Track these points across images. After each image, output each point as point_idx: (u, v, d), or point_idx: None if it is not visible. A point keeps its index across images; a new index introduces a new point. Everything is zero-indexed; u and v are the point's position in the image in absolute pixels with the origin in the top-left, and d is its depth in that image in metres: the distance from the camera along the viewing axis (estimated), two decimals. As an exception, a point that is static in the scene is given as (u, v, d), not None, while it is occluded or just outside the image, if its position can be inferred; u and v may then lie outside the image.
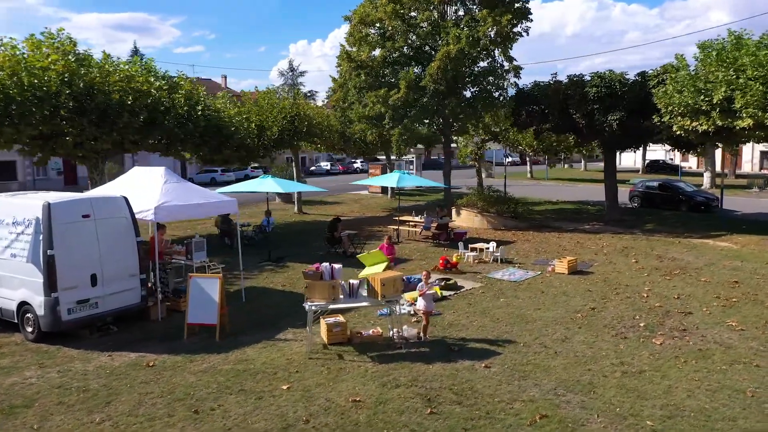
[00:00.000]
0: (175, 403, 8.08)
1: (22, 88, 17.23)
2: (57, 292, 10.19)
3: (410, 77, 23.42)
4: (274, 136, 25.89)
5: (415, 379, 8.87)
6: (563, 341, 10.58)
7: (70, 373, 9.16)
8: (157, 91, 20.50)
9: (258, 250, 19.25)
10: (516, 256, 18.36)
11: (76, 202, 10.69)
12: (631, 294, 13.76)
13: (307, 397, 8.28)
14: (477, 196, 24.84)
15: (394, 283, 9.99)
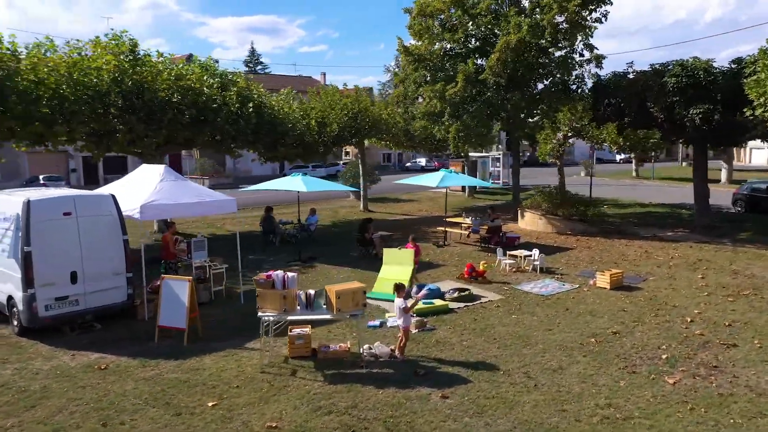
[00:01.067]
0: (92, 413, 7.77)
1: (75, 87, 18.05)
2: (33, 289, 10.33)
3: (469, 70, 22.07)
4: (334, 133, 25.52)
5: (354, 406, 7.95)
6: (554, 371, 9.13)
7: (23, 372, 9.19)
8: (208, 88, 20.80)
9: (297, 249, 18.94)
10: (563, 265, 16.59)
11: (57, 199, 10.80)
12: (673, 317, 11.79)
13: (226, 417, 7.65)
14: (541, 197, 22.94)
15: (352, 296, 9.09)
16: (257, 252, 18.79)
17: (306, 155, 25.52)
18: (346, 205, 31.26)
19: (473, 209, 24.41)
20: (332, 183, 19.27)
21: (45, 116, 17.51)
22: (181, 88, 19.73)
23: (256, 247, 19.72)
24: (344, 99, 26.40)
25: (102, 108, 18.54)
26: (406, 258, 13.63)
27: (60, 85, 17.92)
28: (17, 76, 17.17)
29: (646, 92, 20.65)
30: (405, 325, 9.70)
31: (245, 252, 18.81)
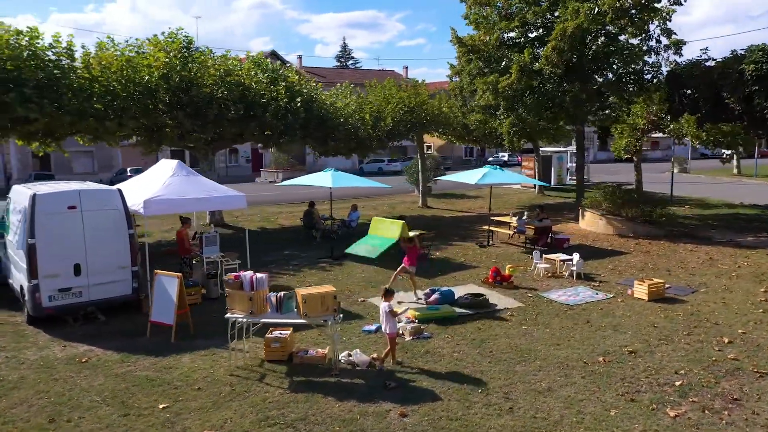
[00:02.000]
0: (48, 407, 7.84)
1: (125, 84, 18.75)
2: (37, 279, 10.68)
3: (525, 61, 20.84)
4: (388, 127, 25.05)
5: (303, 419, 7.51)
6: (539, 393, 8.22)
7: (12, 360, 9.49)
8: (257, 84, 20.97)
9: (335, 245, 18.70)
10: (609, 271, 15.22)
11: (62, 193, 11.10)
12: (709, 337, 10.38)
13: (170, 422, 7.45)
14: (602, 195, 21.27)
15: (322, 300, 8.62)
16: (294, 248, 18.73)
17: (359, 150, 25.22)
18: (407, 201, 30.71)
19: (535, 207, 23.05)
20: (364, 179, 18.71)
21: (98, 112, 18.32)
22: (229, 83, 19.99)
23: (296, 242, 19.70)
24: (400, 92, 25.84)
25: (151, 104, 19.16)
26: (393, 231, 12.90)
27: (111, 82, 18.69)
28: (72, 74, 18.06)
29: (721, 81, 18.60)
30: (391, 332, 9.13)
31: (285, 247, 18.89)
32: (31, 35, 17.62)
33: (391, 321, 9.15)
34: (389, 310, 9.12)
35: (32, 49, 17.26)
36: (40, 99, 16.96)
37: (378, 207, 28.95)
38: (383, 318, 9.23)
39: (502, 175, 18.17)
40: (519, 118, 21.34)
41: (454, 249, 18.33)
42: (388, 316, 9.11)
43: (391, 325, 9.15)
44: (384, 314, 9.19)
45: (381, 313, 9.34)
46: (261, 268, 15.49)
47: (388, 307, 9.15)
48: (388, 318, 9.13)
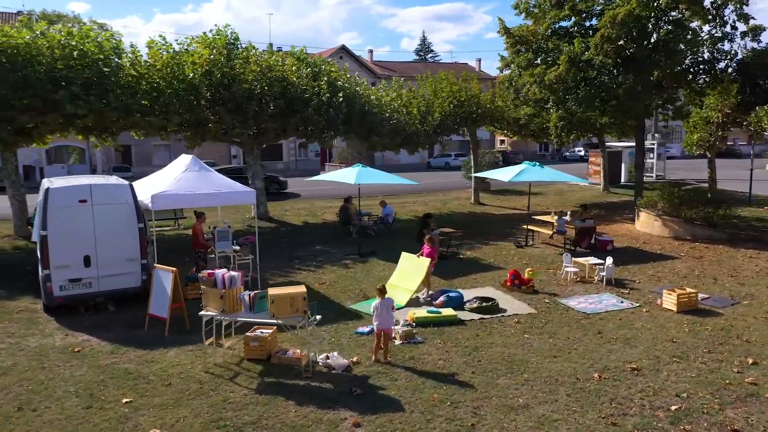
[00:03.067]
0: (22, 395, 8.11)
1: (169, 81, 19.35)
2: (49, 270, 11.15)
3: (575, 51, 19.70)
4: (435, 122, 24.50)
5: (255, 422, 7.35)
6: (511, 410, 7.64)
7: (13, 347, 9.93)
8: (298, 78, 21.05)
9: (371, 242, 18.51)
10: (647, 278, 14.11)
11: (74, 187, 11.49)
12: (733, 356, 9.32)
13: (125, 417, 7.49)
14: (659, 195, 19.77)
15: (291, 302, 8.42)
16: (327, 243, 18.67)
17: (407, 145, 24.82)
18: (461, 197, 30.02)
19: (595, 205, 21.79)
20: (393, 176, 18.15)
21: (142, 108, 19.02)
22: (269, 79, 20.18)
23: (331, 237, 19.64)
24: (450, 86, 25.19)
25: (194, 100, 19.66)
26: (420, 267, 12.48)
27: (157, 79, 19.34)
28: (120, 72, 18.82)
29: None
30: (383, 327, 8.93)
31: (319, 242, 18.88)
32: (80, 35, 18.51)
33: (386, 316, 8.93)
34: (390, 305, 9.09)
35: (82, 48, 18.10)
36: (87, 96, 17.78)
37: (429, 203, 28.49)
38: (375, 313, 9.03)
39: (542, 173, 17.23)
40: (568, 112, 20.20)
41: (489, 249, 17.63)
42: (382, 312, 8.98)
43: (384, 320, 8.94)
44: (375, 310, 9.05)
45: (372, 309, 9.15)
46: (285, 264, 15.66)
47: (389, 302, 9.11)
48: (381, 313, 8.97)
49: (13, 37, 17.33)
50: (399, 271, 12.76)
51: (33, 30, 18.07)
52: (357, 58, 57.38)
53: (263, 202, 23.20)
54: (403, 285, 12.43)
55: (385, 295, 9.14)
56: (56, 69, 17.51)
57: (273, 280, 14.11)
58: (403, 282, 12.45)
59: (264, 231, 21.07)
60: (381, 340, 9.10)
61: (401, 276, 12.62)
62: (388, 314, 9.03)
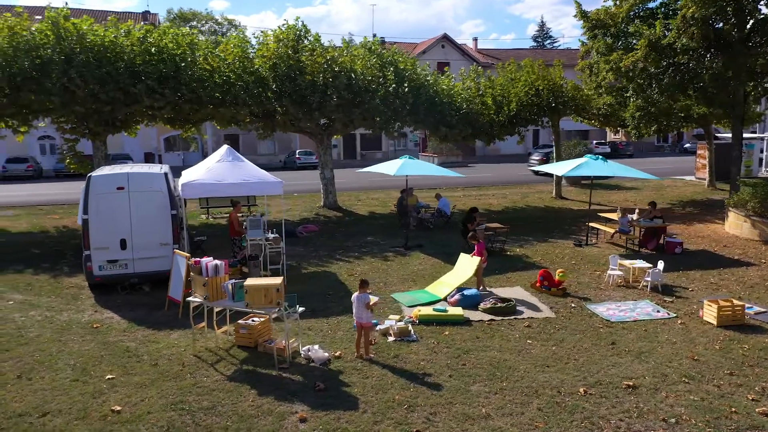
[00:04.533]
0: (29, 365, 8.90)
1: (239, 74, 20.23)
2: (89, 251, 12.14)
3: (656, 35, 18.09)
4: (511, 113, 23.55)
5: (210, 409, 7.56)
6: (468, 419, 7.25)
7: (46, 320, 10.91)
8: (364, 69, 21.14)
9: (421, 235, 18.32)
10: (704, 286, 12.75)
11: (114, 175, 12.37)
12: (758, 382, 8.21)
13: (101, 392, 8.00)
14: (750, 193, 17.66)
15: (264, 292, 8.53)
16: (381, 234, 18.66)
17: (478, 136, 24.12)
18: (544, 191, 28.68)
19: (692, 203, 20.04)
20: (439, 168, 17.44)
21: (213, 100, 20.06)
22: (332, 70, 20.42)
23: (387, 229, 19.60)
24: (527, 74, 24.08)
25: (262, 92, 20.38)
26: (470, 265, 12.19)
27: (227, 72, 20.27)
28: (194, 66, 19.93)
29: None
30: (361, 322, 8.85)
31: (373, 233, 18.93)
32: (159, 33, 19.80)
33: (364, 311, 8.86)
34: (366, 302, 8.93)
35: (159, 45, 19.37)
36: (163, 89, 19.04)
37: (508, 196, 27.57)
38: (354, 306, 8.98)
39: (603, 167, 16.00)
40: (647, 101, 18.59)
41: (544, 247, 16.74)
42: (360, 306, 8.90)
43: (363, 315, 8.87)
44: (356, 302, 8.98)
45: (353, 300, 9.08)
46: (327, 253, 15.87)
47: (365, 297, 8.93)
48: (359, 307, 8.90)
49: (100, 36, 18.89)
50: (453, 270, 12.61)
51: (118, 28, 19.59)
52: (459, 46, 56.47)
53: (332, 192, 23.63)
54: (448, 280, 12.32)
55: (365, 289, 8.97)
56: (135, 64, 18.88)
57: (306, 269, 14.39)
58: (449, 278, 12.33)
59: (328, 220, 21.54)
60: (361, 334, 8.98)
61: (452, 273, 12.48)
62: (360, 308, 8.86)
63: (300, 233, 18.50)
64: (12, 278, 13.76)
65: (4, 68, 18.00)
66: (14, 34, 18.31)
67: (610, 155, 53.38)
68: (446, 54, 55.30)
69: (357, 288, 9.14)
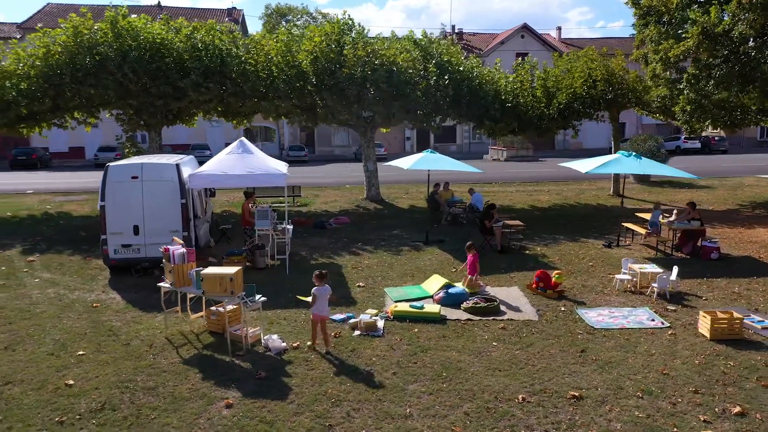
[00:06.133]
0: (19, 338, 9.72)
1: (281, 68, 20.82)
2: (105, 235, 13.03)
3: (711, 21, 16.75)
4: (560, 105, 22.60)
5: (151, 389, 7.94)
6: (387, 418, 7.18)
7: (56, 298, 11.82)
8: (405, 62, 21.09)
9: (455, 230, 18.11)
10: (723, 296, 11.77)
11: (128, 165, 13.18)
12: (721, 402, 7.54)
13: (64, 367, 8.59)
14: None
15: (219, 281, 8.83)
16: (408, 228, 18.60)
17: (525, 130, 23.35)
18: (605, 188, 27.34)
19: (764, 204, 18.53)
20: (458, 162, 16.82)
21: (256, 93, 20.75)
22: (372, 63, 20.49)
23: (417, 223, 19.49)
24: (584, 64, 22.97)
25: (302, 86, 20.83)
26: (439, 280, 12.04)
27: (270, 66, 20.90)
28: (237, 60, 20.71)
29: None
30: (323, 314, 8.99)
31: (401, 226, 18.90)
32: (206, 29, 20.72)
33: (317, 304, 8.94)
34: (328, 294, 9.08)
35: (205, 41, 20.29)
36: (207, 84, 19.95)
37: (562, 192, 26.58)
38: (317, 300, 9.09)
39: (635, 165, 15.05)
40: (699, 93, 17.23)
41: (570, 246, 16.04)
42: (322, 299, 9.00)
43: (316, 307, 8.95)
44: (319, 297, 9.05)
45: (314, 295, 9.18)
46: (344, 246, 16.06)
47: (326, 290, 9.06)
48: (322, 300, 9.00)
49: (152, 33, 20.06)
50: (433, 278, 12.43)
51: (169, 26, 20.70)
52: (540, 36, 54.65)
53: (375, 185, 23.77)
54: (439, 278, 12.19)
55: (323, 282, 9.04)
56: (183, 60, 19.90)
57: (315, 260, 14.66)
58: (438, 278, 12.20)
59: (365, 212, 21.73)
60: (317, 327, 9.08)
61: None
62: (321, 302, 8.96)
63: (329, 225, 18.80)
64: (50, 258, 15.03)
65: (68, 64, 19.57)
66: (78, 32, 19.82)
67: (701, 151, 49.99)
68: (525, 44, 53.75)
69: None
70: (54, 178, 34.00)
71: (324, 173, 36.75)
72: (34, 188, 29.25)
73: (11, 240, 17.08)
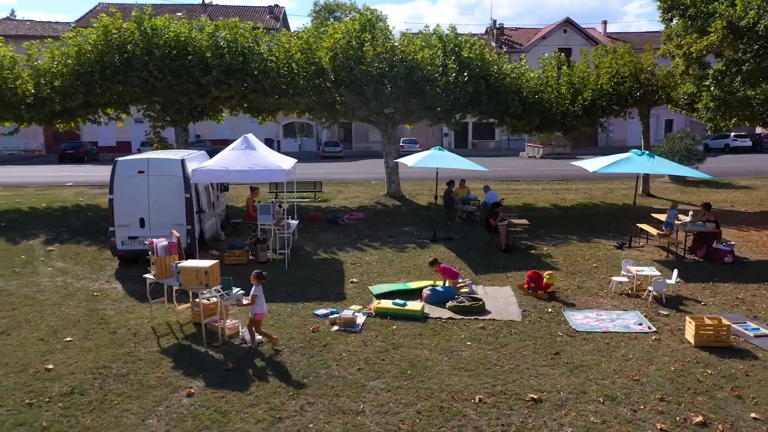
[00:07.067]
0: (18, 323, 10.25)
1: (301, 65, 21.10)
2: (113, 227, 13.55)
3: (737, 14, 16.07)
4: (585, 102, 22.06)
5: (122, 376, 8.26)
6: (339, 413, 7.26)
7: (61, 286, 12.39)
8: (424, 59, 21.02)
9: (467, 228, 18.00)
10: (723, 301, 11.33)
11: (135, 160, 13.65)
12: (686, 411, 7.29)
13: (50, 352, 9.02)
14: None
15: (195, 274, 9.08)
16: (419, 225, 18.58)
17: (548, 128, 22.90)
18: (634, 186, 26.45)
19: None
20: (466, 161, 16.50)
21: (275, 90, 21.10)
22: (389, 59, 20.48)
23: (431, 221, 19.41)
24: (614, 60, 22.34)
25: (321, 82, 21.04)
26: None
27: (291, 63, 21.20)
28: (259, 57, 21.08)
29: None
30: (257, 312, 9.09)
31: (413, 223, 18.87)
32: (228, 27, 21.17)
33: (257, 304, 9.04)
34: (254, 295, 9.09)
35: (227, 39, 20.73)
36: (228, 81, 20.40)
37: (590, 191, 25.99)
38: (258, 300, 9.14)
39: (648, 165, 14.56)
40: (724, 90, 16.52)
41: (579, 247, 15.72)
42: (254, 300, 9.04)
43: (258, 307, 9.06)
44: (259, 296, 9.10)
45: (256, 295, 9.22)
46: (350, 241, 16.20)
47: (255, 290, 9.08)
48: (253, 301, 9.05)
49: (176, 32, 20.65)
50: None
51: (192, 24, 21.26)
52: (583, 30, 53.34)
53: (395, 181, 23.81)
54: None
55: (258, 282, 9.07)
56: (205, 57, 20.41)
57: (317, 256, 14.84)
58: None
59: (383, 209, 21.81)
60: (260, 327, 9.16)
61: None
62: (261, 302, 9.01)
63: (342, 221, 18.96)
64: (68, 248, 15.74)
65: (98, 62, 20.36)
66: (107, 32, 20.58)
67: (752, 149, 47.85)
68: (568, 39, 52.59)
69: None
70: (96, 171, 35.37)
71: (355, 169, 36.99)
72: (75, 181, 30.56)
73: (38, 230, 17.94)
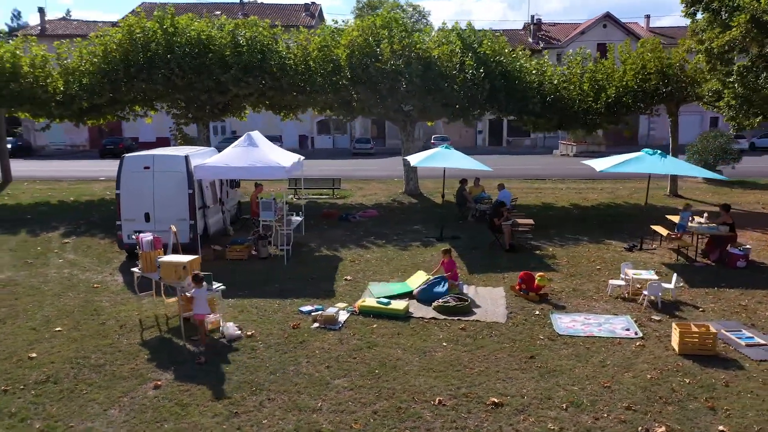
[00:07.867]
0: (17, 312, 10.68)
1: (319, 63, 21.24)
2: (120, 221, 13.95)
3: (762, 7, 15.38)
4: (609, 99, 21.45)
5: (98, 366, 8.51)
6: (294, 411, 7.31)
7: (66, 277, 12.83)
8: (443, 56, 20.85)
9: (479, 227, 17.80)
10: (723, 308, 10.87)
11: (141, 156, 14.01)
12: (650, 421, 7.05)
13: (38, 341, 9.37)
14: None
15: (174, 269, 9.28)
16: (429, 224, 18.45)
17: (569, 126, 22.39)
18: (663, 186, 25.65)
19: None
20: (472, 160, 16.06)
21: (293, 88, 21.30)
22: (407, 57, 20.39)
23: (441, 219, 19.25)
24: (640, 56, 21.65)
25: (338, 80, 21.12)
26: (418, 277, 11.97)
27: (308, 61, 21.35)
28: (277, 54, 21.30)
29: None
30: (201, 313, 9.22)
31: (422, 222, 18.75)
32: (248, 25, 21.47)
33: (197, 305, 9.17)
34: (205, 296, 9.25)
35: (246, 37, 21.02)
36: (247, 78, 20.70)
37: (616, 191, 25.36)
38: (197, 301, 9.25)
39: (658, 164, 14.06)
40: (749, 88, 15.81)
41: (587, 248, 15.34)
42: (201, 300, 9.17)
43: (198, 308, 9.18)
44: (199, 298, 9.22)
45: (195, 297, 9.28)
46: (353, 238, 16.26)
47: (204, 292, 9.23)
48: (201, 302, 9.18)
49: (197, 30, 21.05)
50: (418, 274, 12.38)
51: (213, 23, 21.64)
52: (623, 25, 51.86)
53: (413, 179, 23.72)
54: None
55: (200, 284, 9.15)
56: (225, 55, 20.75)
57: (319, 252, 14.93)
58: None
59: (398, 206, 21.76)
60: (204, 327, 9.27)
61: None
62: (201, 303, 9.12)
63: (353, 218, 19.01)
64: (82, 240, 16.29)
65: (122, 61, 20.97)
66: (132, 31, 21.16)
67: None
68: (608, 34, 51.26)
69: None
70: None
71: (380, 166, 36.97)
72: (108, 176, 31.53)
73: (59, 222, 18.63)
